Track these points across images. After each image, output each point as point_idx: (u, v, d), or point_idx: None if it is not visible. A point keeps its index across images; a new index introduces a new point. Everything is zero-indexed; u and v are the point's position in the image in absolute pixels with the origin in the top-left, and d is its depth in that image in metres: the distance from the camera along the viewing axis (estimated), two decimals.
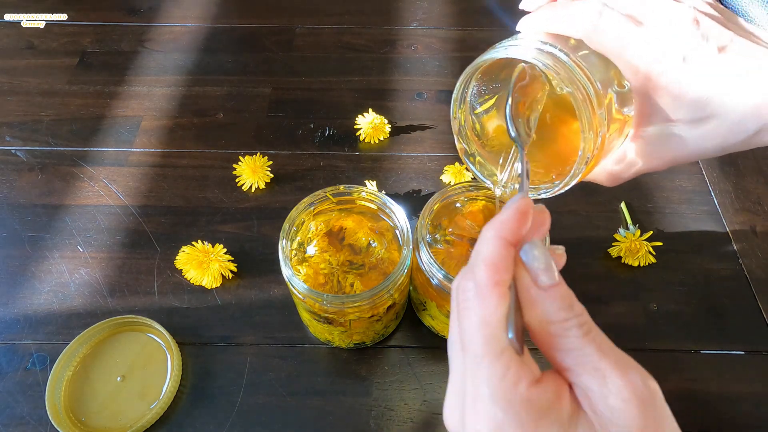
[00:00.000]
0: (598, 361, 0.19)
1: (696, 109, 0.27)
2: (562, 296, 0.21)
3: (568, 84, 0.27)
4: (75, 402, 0.45)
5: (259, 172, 0.58)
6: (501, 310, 0.20)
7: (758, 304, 0.52)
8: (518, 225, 0.21)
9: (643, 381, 0.19)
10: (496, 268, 0.20)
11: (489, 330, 0.20)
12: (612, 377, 0.19)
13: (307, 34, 0.76)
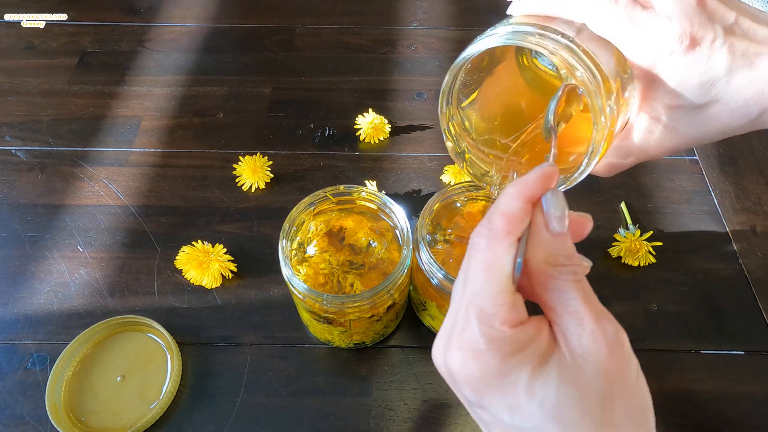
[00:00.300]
0: (579, 305, 0.22)
1: (701, 94, 0.27)
2: (566, 246, 0.23)
3: (578, 72, 0.26)
4: (75, 402, 0.45)
5: (259, 172, 0.58)
6: (508, 257, 0.22)
7: (758, 304, 0.52)
8: (541, 186, 0.23)
9: (614, 330, 0.21)
10: (511, 219, 0.22)
11: (491, 272, 0.22)
12: (588, 321, 0.21)
13: (307, 34, 0.76)
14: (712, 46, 0.26)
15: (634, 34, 0.26)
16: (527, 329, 0.22)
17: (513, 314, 0.22)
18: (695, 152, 0.63)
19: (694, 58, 0.26)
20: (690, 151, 0.63)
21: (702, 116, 0.28)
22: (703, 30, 0.26)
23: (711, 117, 0.28)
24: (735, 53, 0.26)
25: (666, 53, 0.26)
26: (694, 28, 0.26)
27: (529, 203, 0.23)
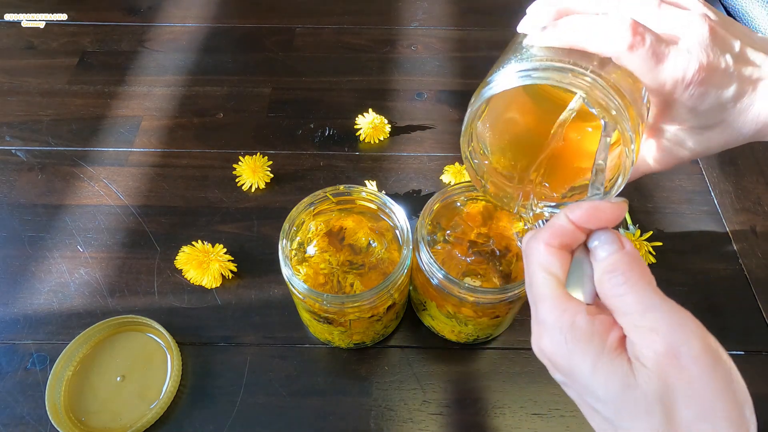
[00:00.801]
0: (638, 319, 0.23)
1: (708, 118, 0.29)
2: (613, 264, 0.25)
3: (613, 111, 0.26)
4: (75, 402, 0.45)
5: (259, 172, 0.58)
6: (555, 261, 0.25)
7: (758, 304, 0.52)
8: (587, 217, 0.25)
9: (671, 340, 0.22)
10: (554, 235, 0.26)
11: (551, 281, 0.25)
12: (645, 333, 0.23)
13: (307, 34, 0.76)
14: (723, 75, 0.28)
15: (660, 69, 0.27)
16: (596, 323, 0.24)
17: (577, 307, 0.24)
18: None
19: (707, 88, 0.28)
20: None
21: (706, 135, 0.30)
22: (717, 60, 0.27)
23: (713, 136, 0.30)
24: (741, 80, 0.28)
25: (684, 84, 0.27)
26: (710, 59, 0.27)
27: (578, 229, 0.26)
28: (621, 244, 0.25)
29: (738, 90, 0.28)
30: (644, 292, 0.23)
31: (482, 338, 0.48)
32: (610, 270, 0.24)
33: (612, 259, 0.25)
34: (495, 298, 0.40)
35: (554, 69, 0.27)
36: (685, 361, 0.22)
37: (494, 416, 0.46)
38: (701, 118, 0.29)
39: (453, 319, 0.44)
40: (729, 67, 0.27)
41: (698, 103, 0.28)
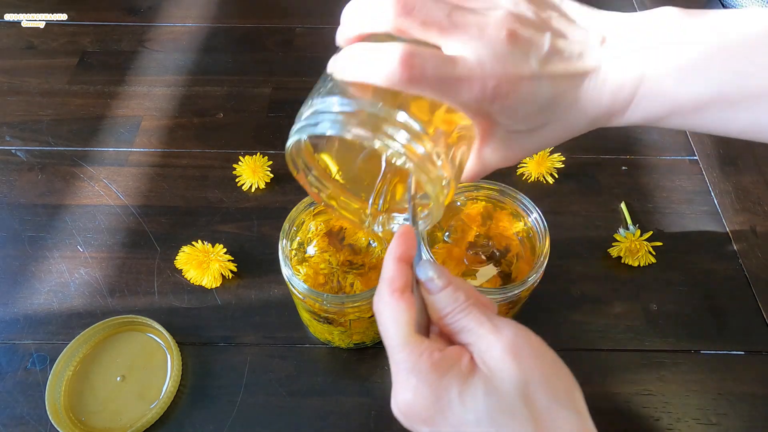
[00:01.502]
0: (479, 329, 0.25)
1: (530, 122, 0.28)
2: (447, 295, 0.26)
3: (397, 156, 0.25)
4: (75, 402, 0.45)
5: (259, 172, 0.58)
6: (401, 309, 0.26)
7: (758, 304, 0.52)
8: (402, 245, 0.27)
9: (512, 333, 0.25)
10: (391, 282, 0.26)
11: (396, 326, 0.25)
12: (489, 337, 0.25)
13: (307, 34, 0.76)
14: (530, 81, 0.26)
15: (453, 92, 0.25)
16: (447, 356, 0.24)
17: (427, 347, 0.25)
18: (695, 152, 0.63)
19: (514, 98, 0.26)
20: (690, 151, 0.63)
21: (539, 134, 0.29)
22: (518, 69, 0.25)
23: (547, 133, 0.29)
24: (554, 82, 0.26)
25: (486, 100, 0.26)
26: (508, 70, 0.25)
27: (401, 262, 0.27)
28: (446, 274, 0.27)
29: (553, 92, 0.26)
30: (478, 308, 0.26)
31: None
32: (448, 300, 0.26)
33: (448, 291, 0.26)
34: (495, 299, 0.40)
35: (341, 118, 0.25)
36: (528, 352, 0.24)
37: None
38: (523, 123, 0.28)
39: None
40: (535, 73, 0.25)
41: (511, 113, 0.27)
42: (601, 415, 0.47)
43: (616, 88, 0.27)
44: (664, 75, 0.26)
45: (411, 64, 0.24)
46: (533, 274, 0.39)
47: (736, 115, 0.27)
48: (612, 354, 0.49)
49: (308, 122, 0.26)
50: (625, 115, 0.28)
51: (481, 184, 0.44)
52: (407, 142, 0.25)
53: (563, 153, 0.60)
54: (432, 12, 0.25)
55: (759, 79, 0.25)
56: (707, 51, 0.26)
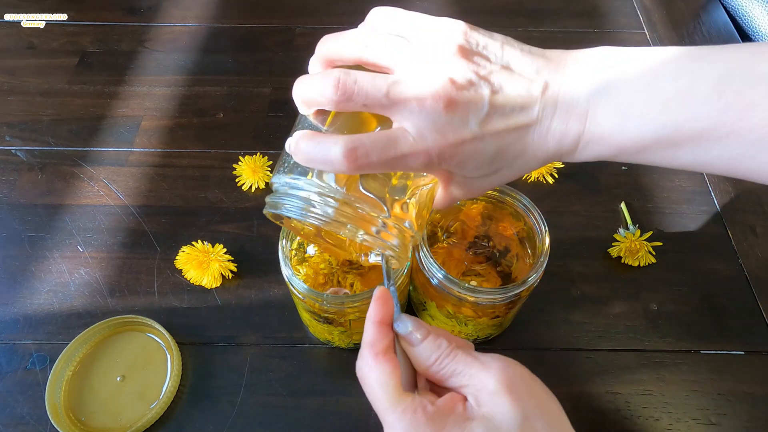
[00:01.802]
0: (469, 370, 0.26)
1: (482, 171, 0.29)
2: (430, 344, 0.27)
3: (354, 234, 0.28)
4: (75, 402, 0.45)
5: (259, 172, 0.58)
6: (386, 370, 0.26)
7: (758, 304, 0.52)
8: (380, 309, 0.28)
9: (500, 368, 0.25)
10: (372, 345, 0.27)
11: (383, 388, 0.26)
12: (480, 375, 0.25)
13: (307, 34, 0.76)
14: (473, 143, 0.27)
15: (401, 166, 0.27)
16: (442, 407, 0.25)
17: (419, 402, 0.25)
18: None
19: (460, 158, 0.27)
20: None
21: (496, 176, 0.30)
22: (460, 134, 0.26)
23: (504, 174, 0.30)
24: (497, 138, 0.27)
25: (432, 166, 0.27)
26: (448, 136, 0.26)
27: (381, 324, 0.28)
28: (424, 325, 0.28)
29: (497, 146, 0.27)
30: (462, 350, 0.27)
31: (482, 338, 0.48)
32: (431, 349, 0.27)
33: (429, 340, 0.27)
34: (495, 298, 0.40)
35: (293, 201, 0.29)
36: (520, 384, 0.25)
37: None
38: (475, 173, 0.29)
39: (453, 319, 0.44)
40: (476, 134, 0.27)
41: (461, 168, 0.28)
42: (601, 415, 0.47)
43: (560, 135, 0.28)
44: (604, 120, 0.27)
45: (354, 156, 0.26)
46: (533, 274, 0.39)
47: (676, 153, 0.27)
48: (612, 354, 0.49)
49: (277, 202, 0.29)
50: (574, 155, 0.29)
51: None
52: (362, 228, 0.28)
53: None
54: (370, 94, 0.26)
55: (694, 123, 0.26)
56: (644, 95, 0.26)
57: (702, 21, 0.78)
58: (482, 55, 0.27)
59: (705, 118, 0.25)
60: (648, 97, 0.26)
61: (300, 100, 0.29)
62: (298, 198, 0.29)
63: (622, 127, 0.27)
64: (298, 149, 0.28)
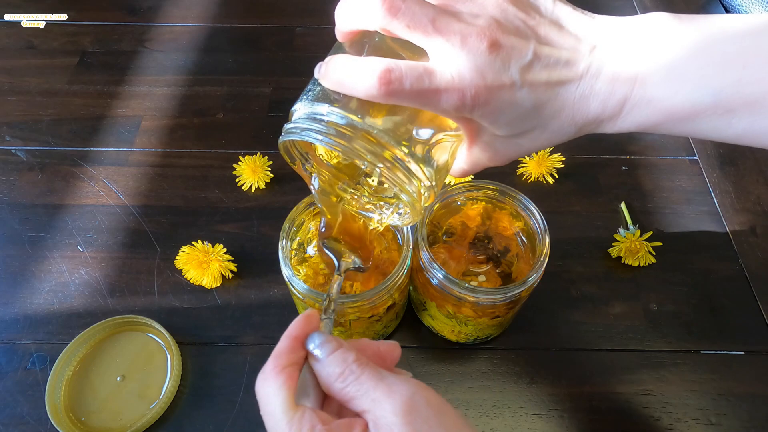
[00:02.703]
0: (372, 393, 0.24)
1: (514, 128, 0.28)
2: (335, 358, 0.26)
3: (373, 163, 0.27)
4: (75, 402, 0.45)
5: (259, 172, 0.58)
6: (279, 382, 0.25)
7: (758, 304, 0.52)
8: (299, 325, 0.27)
9: (407, 395, 0.24)
10: (277, 356, 0.26)
11: (274, 400, 0.24)
12: (382, 401, 0.24)
13: (307, 34, 0.76)
14: (511, 91, 0.26)
15: (433, 104, 0.26)
16: (334, 428, 0.23)
17: (315, 419, 0.24)
18: (695, 152, 0.63)
19: (494, 107, 0.26)
20: (690, 151, 0.63)
21: (526, 138, 0.29)
22: (498, 79, 0.25)
23: (534, 138, 0.29)
24: (537, 90, 0.26)
25: (466, 110, 0.26)
26: (487, 80, 0.25)
27: (294, 340, 0.27)
28: (336, 340, 0.26)
29: (535, 100, 0.26)
30: (370, 369, 0.25)
31: (482, 338, 0.48)
32: (336, 364, 0.25)
33: (335, 355, 0.25)
34: (495, 298, 0.40)
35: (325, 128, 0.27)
36: (425, 413, 0.23)
37: (494, 416, 0.46)
38: (506, 129, 0.28)
39: (453, 319, 0.44)
40: (515, 82, 0.26)
41: (493, 120, 0.27)
42: (601, 415, 0.47)
43: (605, 96, 0.27)
44: (657, 83, 0.26)
45: (388, 79, 0.24)
46: (533, 274, 0.39)
47: (730, 121, 0.26)
48: (612, 354, 0.49)
49: (298, 127, 0.28)
50: (616, 122, 0.28)
51: (481, 184, 0.44)
52: (382, 161, 0.27)
53: (563, 153, 0.60)
54: (417, 16, 0.25)
55: (755, 86, 0.25)
56: (702, 58, 0.25)
57: None
58: (533, 6, 0.27)
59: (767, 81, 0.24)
60: (706, 59, 0.25)
61: (342, 16, 0.27)
62: (320, 123, 0.27)
63: (675, 91, 0.26)
64: (330, 69, 0.26)
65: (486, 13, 0.25)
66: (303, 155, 0.34)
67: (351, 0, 0.27)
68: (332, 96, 0.28)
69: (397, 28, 0.25)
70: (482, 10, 0.26)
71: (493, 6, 0.26)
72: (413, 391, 0.24)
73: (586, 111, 0.27)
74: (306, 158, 0.34)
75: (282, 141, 0.30)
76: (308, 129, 0.27)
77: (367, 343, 0.28)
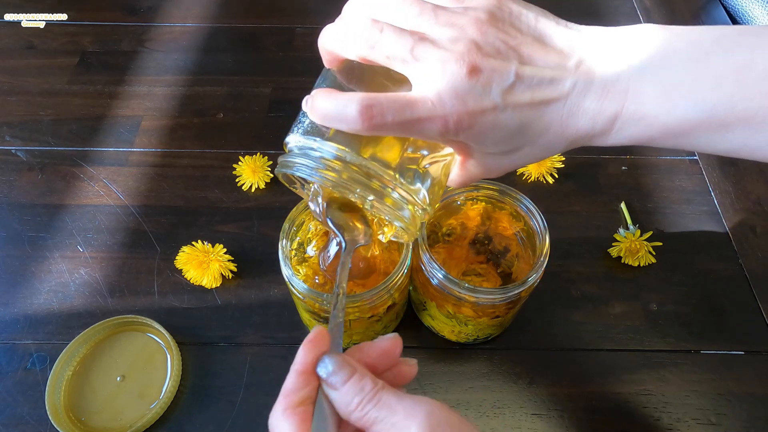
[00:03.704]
0: (391, 418, 0.24)
1: (502, 146, 0.28)
2: (352, 386, 0.25)
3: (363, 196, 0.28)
4: (75, 402, 0.45)
5: (259, 172, 0.58)
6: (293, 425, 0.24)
7: (758, 304, 0.52)
8: (306, 355, 0.26)
9: (426, 415, 0.23)
10: (286, 395, 0.25)
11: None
12: (403, 425, 0.23)
13: (307, 34, 0.76)
14: (494, 113, 0.25)
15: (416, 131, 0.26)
16: None
17: None
18: (695, 152, 0.63)
19: (479, 129, 0.26)
20: (690, 151, 0.63)
21: (517, 155, 0.29)
22: (480, 102, 0.25)
23: (525, 154, 0.29)
24: (521, 111, 0.26)
25: (450, 133, 0.26)
26: (468, 106, 0.25)
27: (302, 374, 0.25)
28: (349, 363, 0.25)
29: (520, 120, 0.26)
30: (387, 394, 0.24)
31: (482, 338, 0.48)
32: (354, 393, 0.24)
33: (351, 383, 0.25)
34: (495, 298, 0.40)
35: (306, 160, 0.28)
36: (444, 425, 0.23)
37: (494, 416, 0.46)
38: (494, 148, 0.28)
39: (453, 319, 0.44)
40: (498, 105, 0.25)
41: (480, 141, 0.27)
42: (601, 415, 0.47)
43: (594, 113, 0.26)
44: (649, 99, 0.25)
45: (370, 114, 0.25)
46: (533, 274, 0.39)
47: (725, 136, 0.26)
48: (612, 354, 0.49)
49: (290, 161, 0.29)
50: (607, 138, 0.27)
51: (481, 184, 0.44)
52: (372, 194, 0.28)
53: (563, 153, 0.60)
54: (395, 46, 0.25)
55: (749, 102, 0.24)
56: (694, 73, 0.25)
57: (702, 21, 0.78)
58: (514, 25, 0.26)
59: (762, 97, 0.24)
60: (699, 74, 0.25)
61: (324, 47, 0.28)
62: (310, 158, 0.28)
63: (668, 107, 0.25)
64: (314, 106, 0.27)
65: (465, 36, 0.25)
66: (301, 181, 0.34)
67: (332, 31, 0.27)
68: (322, 128, 0.29)
69: (376, 58, 0.26)
70: (461, 33, 0.25)
71: (473, 29, 0.25)
72: (431, 410, 0.24)
73: (575, 128, 0.27)
74: (304, 182, 0.35)
75: (277, 172, 0.31)
76: (300, 164, 0.28)
77: (370, 346, 0.27)
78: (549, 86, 0.26)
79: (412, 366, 0.28)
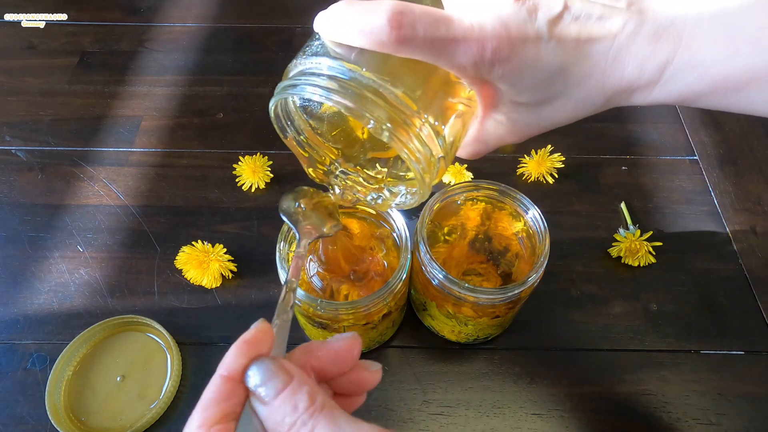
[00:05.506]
0: None
1: (537, 93, 0.25)
2: (283, 402, 0.20)
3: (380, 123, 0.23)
4: (75, 402, 0.45)
5: (259, 172, 0.58)
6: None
7: (758, 304, 0.52)
8: (238, 359, 0.21)
9: None
10: (204, 409, 0.20)
11: None
12: None
13: (307, 35, 0.76)
14: (536, 46, 0.23)
15: (448, 55, 0.22)
16: None
17: None
18: (695, 152, 0.63)
19: (517, 64, 0.23)
20: (690, 151, 0.63)
21: (548, 109, 0.26)
22: (522, 32, 0.22)
23: (557, 109, 0.26)
24: (565, 47, 0.23)
25: (485, 65, 0.23)
26: (511, 32, 0.22)
27: (228, 380, 0.21)
28: (284, 370, 0.20)
29: (563, 58, 0.23)
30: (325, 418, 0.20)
31: (482, 338, 0.48)
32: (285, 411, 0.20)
33: (283, 396, 0.20)
34: (495, 298, 0.40)
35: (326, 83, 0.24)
36: None
37: (494, 416, 0.46)
38: (528, 94, 0.25)
39: (453, 319, 0.44)
40: (542, 35, 0.22)
41: (514, 82, 0.24)
42: (601, 414, 0.47)
43: (643, 59, 0.23)
44: (708, 44, 0.22)
45: (400, 23, 0.21)
46: (533, 274, 0.39)
47: None
48: (612, 354, 0.49)
49: (293, 83, 0.25)
50: (652, 91, 0.24)
51: (481, 184, 0.44)
52: (391, 122, 0.24)
53: (563, 153, 0.60)
54: None
55: None
56: (761, 15, 0.22)
57: None
58: None
59: None
60: (765, 20, 0.22)
61: None
62: (320, 77, 0.24)
63: (728, 54, 0.22)
64: (330, 15, 0.23)
65: None
66: (296, 129, 0.30)
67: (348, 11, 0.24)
68: (334, 51, 0.24)
69: None
70: None
71: None
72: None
73: (620, 76, 0.24)
74: (299, 131, 0.30)
75: (274, 102, 0.26)
76: (307, 84, 0.24)
77: (320, 346, 0.23)
78: (598, 22, 0.23)
79: (375, 372, 0.24)
